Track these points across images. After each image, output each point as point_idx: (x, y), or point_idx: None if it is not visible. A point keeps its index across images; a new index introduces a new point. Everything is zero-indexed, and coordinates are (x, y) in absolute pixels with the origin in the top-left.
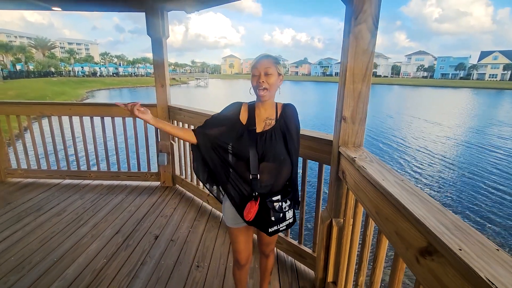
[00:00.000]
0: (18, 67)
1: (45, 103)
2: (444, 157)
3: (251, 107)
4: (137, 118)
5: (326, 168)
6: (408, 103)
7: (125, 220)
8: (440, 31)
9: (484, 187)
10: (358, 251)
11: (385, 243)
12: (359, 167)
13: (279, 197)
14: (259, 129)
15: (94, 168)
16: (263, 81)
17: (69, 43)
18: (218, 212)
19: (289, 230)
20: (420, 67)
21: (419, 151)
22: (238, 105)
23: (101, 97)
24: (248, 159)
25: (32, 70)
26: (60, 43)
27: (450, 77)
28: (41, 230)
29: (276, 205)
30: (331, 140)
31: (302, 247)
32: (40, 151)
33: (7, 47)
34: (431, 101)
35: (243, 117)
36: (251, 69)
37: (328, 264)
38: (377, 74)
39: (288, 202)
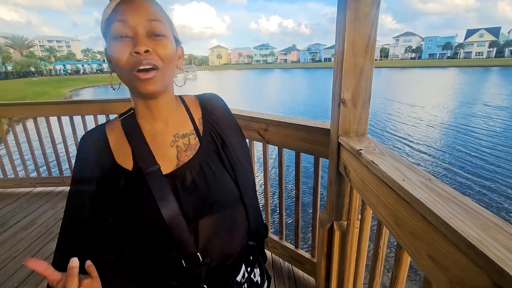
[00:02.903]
0: None
1: (4, 104)
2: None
3: (130, 125)
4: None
5: (324, 161)
6: (392, 85)
7: None
8: (426, 11)
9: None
10: (368, 263)
11: (406, 261)
12: (368, 162)
13: (243, 269)
14: (168, 165)
15: (68, 173)
16: (147, 50)
17: (49, 41)
18: None
19: (284, 232)
20: (408, 48)
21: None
22: (97, 137)
23: (86, 95)
24: (165, 232)
25: (10, 70)
26: (39, 41)
27: (437, 57)
28: (3, 249)
29: (246, 283)
30: (328, 129)
31: (300, 251)
32: (5, 159)
33: None
34: (416, 82)
35: (123, 154)
36: (108, 24)
37: (331, 273)
38: None
39: (256, 265)
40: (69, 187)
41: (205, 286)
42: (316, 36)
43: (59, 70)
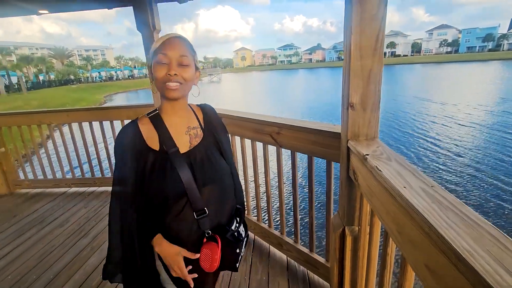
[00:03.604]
0: (41, 77)
1: (43, 111)
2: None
3: (156, 120)
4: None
5: (336, 165)
6: (425, 82)
7: None
8: (462, 1)
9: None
10: (378, 270)
11: (411, 270)
12: (372, 168)
13: (234, 223)
14: (183, 147)
15: (99, 175)
16: (175, 73)
17: (86, 50)
18: None
19: (299, 235)
20: (443, 42)
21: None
22: (132, 128)
23: (119, 100)
24: (181, 195)
25: (53, 79)
26: (77, 51)
27: (477, 50)
28: (42, 244)
29: (235, 233)
30: (339, 132)
31: (314, 255)
32: (45, 161)
33: (28, 59)
34: (452, 78)
35: (152, 140)
36: (155, 53)
37: (344, 279)
38: (396, 53)
39: (241, 223)
40: (99, 188)
41: (209, 231)
42: (342, 34)
43: (95, 77)
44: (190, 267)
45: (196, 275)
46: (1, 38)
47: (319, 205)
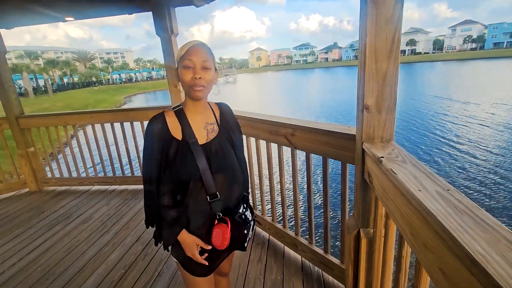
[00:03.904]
0: (65, 80)
1: (68, 113)
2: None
3: (180, 114)
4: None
5: (351, 167)
6: (446, 80)
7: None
8: None
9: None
10: (393, 273)
11: (426, 275)
12: (387, 170)
13: (242, 207)
14: (201, 139)
15: (119, 174)
16: (200, 77)
17: (107, 53)
18: None
19: (313, 236)
20: (467, 38)
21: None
22: (160, 118)
23: (138, 101)
24: (197, 180)
25: (76, 81)
26: (99, 54)
27: (505, 45)
28: (68, 239)
29: (243, 215)
30: (354, 134)
31: (329, 256)
32: (70, 160)
33: (54, 63)
34: (476, 76)
35: (175, 131)
36: (181, 59)
37: (359, 281)
38: (417, 51)
39: (247, 208)
40: (120, 186)
41: (220, 213)
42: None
43: (115, 79)
44: (206, 255)
45: (206, 255)
46: (29, 43)
47: (333, 206)
